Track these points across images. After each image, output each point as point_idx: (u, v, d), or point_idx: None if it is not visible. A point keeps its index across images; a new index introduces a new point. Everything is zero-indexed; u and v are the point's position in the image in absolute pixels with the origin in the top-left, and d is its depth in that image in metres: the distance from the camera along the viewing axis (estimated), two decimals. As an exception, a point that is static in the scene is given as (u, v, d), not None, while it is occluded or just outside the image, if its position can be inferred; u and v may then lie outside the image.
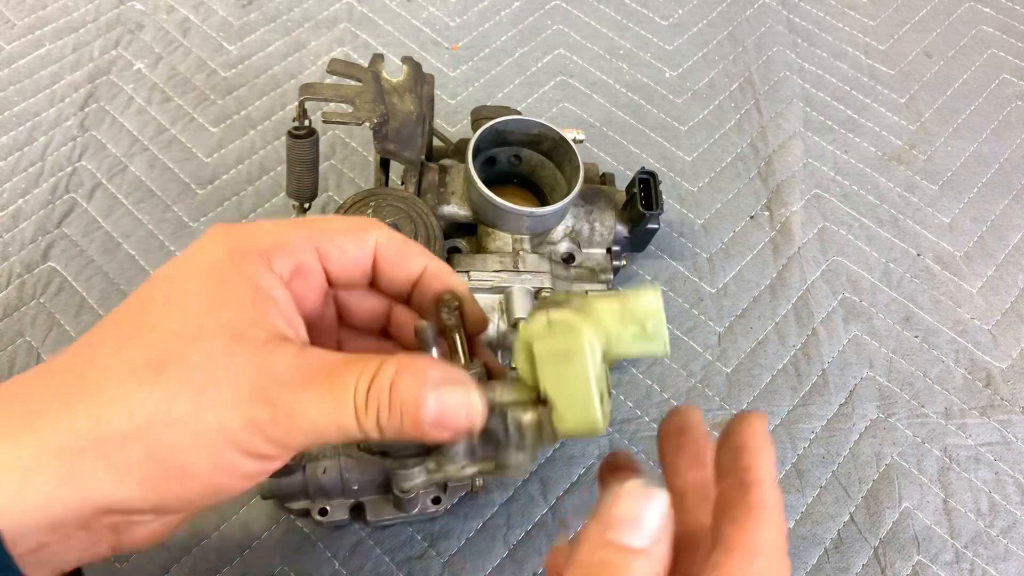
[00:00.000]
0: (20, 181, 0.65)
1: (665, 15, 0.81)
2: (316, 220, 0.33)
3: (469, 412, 0.29)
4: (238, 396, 0.27)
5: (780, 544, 0.27)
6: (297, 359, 0.28)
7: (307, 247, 0.32)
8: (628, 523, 0.26)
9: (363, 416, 0.28)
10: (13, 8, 0.75)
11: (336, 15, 0.78)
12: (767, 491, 0.28)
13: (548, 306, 0.31)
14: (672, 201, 0.68)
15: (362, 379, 0.28)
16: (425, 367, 0.29)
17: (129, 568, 0.49)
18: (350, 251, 0.33)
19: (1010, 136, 0.75)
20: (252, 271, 0.30)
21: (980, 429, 0.58)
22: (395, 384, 0.28)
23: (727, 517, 0.28)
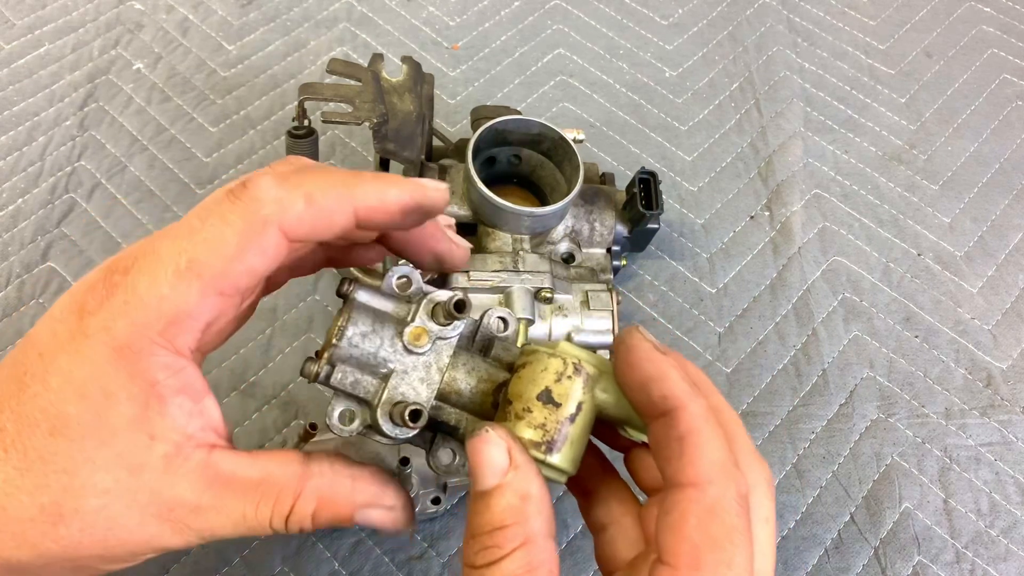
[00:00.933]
0: (19, 181, 0.65)
1: (665, 15, 0.81)
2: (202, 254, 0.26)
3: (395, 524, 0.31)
4: (146, 532, 0.27)
5: (725, 460, 0.27)
6: (201, 481, 0.27)
7: (206, 303, 0.27)
8: (477, 468, 0.28)
9: (280, 531, 0.29)
10: (12, 8, 0.75)
11: (336, 15, 0.78)
12: (693, 412, 0.27)
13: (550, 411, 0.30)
14: (672, 201, 0.68)
15: (278, 513, 0.28)
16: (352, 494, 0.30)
17: (129, 568, 0.49)
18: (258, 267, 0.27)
19: (1010, 136, 0.75)
20: (146, 368, 0.26)
21: (980, 429, 0.58)
22: (319, 510, 0.29)
23: (662, 455, 0.27)
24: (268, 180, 0.27)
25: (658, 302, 0.63)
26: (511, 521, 0.27)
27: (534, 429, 0.29)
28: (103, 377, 0.26)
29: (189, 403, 0.27)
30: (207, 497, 0.27)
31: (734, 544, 0.26)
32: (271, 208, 0.27)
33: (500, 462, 0.27)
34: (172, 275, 0.26)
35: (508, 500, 0.27)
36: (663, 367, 0.28)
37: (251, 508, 0.28)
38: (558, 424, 0.29)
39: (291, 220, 0.27)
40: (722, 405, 0.30)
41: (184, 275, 0.26)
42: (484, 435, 0.28)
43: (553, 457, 0.29)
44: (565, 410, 0.29)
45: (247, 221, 0.26)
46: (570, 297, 0.54)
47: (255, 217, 0.26)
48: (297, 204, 0.27)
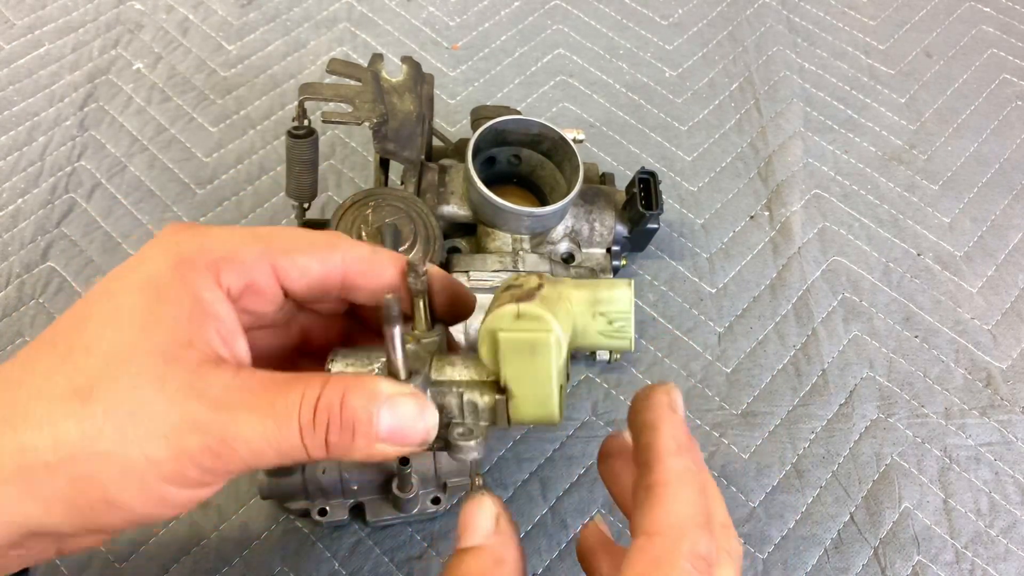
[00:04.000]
0: (19, 181, 0.65)
1: (665, 15, 0.81)
2: (278, 234, 0.31)
3: (425, 425, 0.29)
4: (167, 425, 0.26)
5: (690, 517, 0.27)
6: (232, 381, 0.27)
7: (261, 265, 0.30)
8: (464, 528, 0.29)
9: (309, 436, 0.27)
10: (13, 8, 0.75)
11: (336, 15, 0.78)
12: (669, 465, 0.28)
13: (518, 291, 0.30)
14: (672, 201, 0.68)
15: (307, 397, 0.27)
16: (377, 382, 0.29)
17: (129, 568, 0.49)
18: (312, 270, 0.31)
19: (1010, 136, 0.75)
20: (196, 283, 0.28)
21: (980, 429, 0.58)
22: (345, 400, 0.28)
23: (635, 503, 0.29)
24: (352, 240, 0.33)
25: (658, 302, 0.63)
26: None
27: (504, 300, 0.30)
28: (160, 277, 0.28)
29: (226, 332, 0.29)
30: (236, 392, 0.27)
31: None
32: (345, 243, 0.32)
33: (486, 526, 0.29)
34: (247, 234, 0.31)
35: (483, 563, 0.29)
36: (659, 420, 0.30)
37: (280, 399, 0.27)
38: (524, 291, 0.30)
39: (354, 255, 0.32)
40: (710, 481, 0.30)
41: (255, 236, 0.31)
42: (479, 499, 0.30)
43: (527, 304, 0.29)
44: (527, 286, 0.31)
45: (323, 239, 0.32)
46: (570, 297, 0.54)
47: (329, 241, 0.32)
48: (363, 249, 0.32)
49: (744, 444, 0.56)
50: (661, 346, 0.60)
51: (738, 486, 0.55)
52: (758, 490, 0.55)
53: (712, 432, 0.57)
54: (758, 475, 0.55)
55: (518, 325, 0.29)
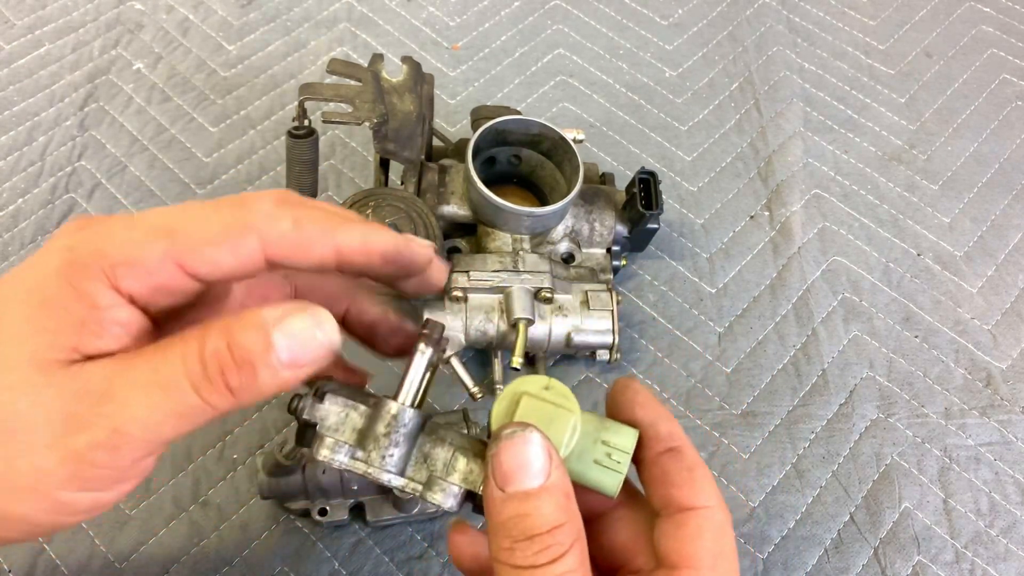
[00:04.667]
0: (20, 181, 0.65)
1: (665, 15, 0.81)
2: (185, 223, 0.27)
3: (325, 335, 0.27)
4: (50, 432, 0.25)
5: (719, 492, 0.31)
6: (114, 367, 0.26)
7: (165, 266, 0.26)
8: (518, 470, 0.28)
9: (206, 390, 0.25)
10: (13, 8, 0.75)
11: (336, 15, 0.78)
12: (692, 451, 0.32)
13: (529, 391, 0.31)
14: (672, 201, 0.68)
15: (189, 353, 0.25)
16: (257, 311, 0.26)
17: (129, 568, 0.49)
18: (224, 262, 0.27)
19: (1010, 136, 0.75)
20: (90, 288, 0.26)
21: (980, 429, 0.58)
22: (233, 340, 0.26)
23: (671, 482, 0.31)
24: (266, 198, 0.28)
25: (658, 302, 0.63)
26: (565, 519, 0.27)
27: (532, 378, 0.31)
28: (47, 287, 0.26)
29: (127, 338, 0.27)
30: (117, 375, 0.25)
31: (735, 556, 0.31)
32: (260, 219, 0.27)
33: (542, 462, 0.28)
34: (147, 228, 0.27)
35: (558, 499, 0.28)
36: (667, 411, 0.33)
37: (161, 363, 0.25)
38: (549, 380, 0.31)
39: (273, 236, 0.27)
40: None
41: (157, 232, 0.26)
42: (524, 435, 0.28)
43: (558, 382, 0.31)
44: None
45: (234, 219, 0.27)
46: (570, 297, 0.54)
47: (243, 220, 0.27)
48: (284, 223, 0.27)
49: (744, 444, 0.56)
50: (661, 346, 0.60)
51: (738, 486, 0.55)
52: (758, 490, 0.55)
53: (712, 432, 0.57)
54: (758, 475, 0.55)
55: (545, 394, 0.31)
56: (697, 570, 0.29)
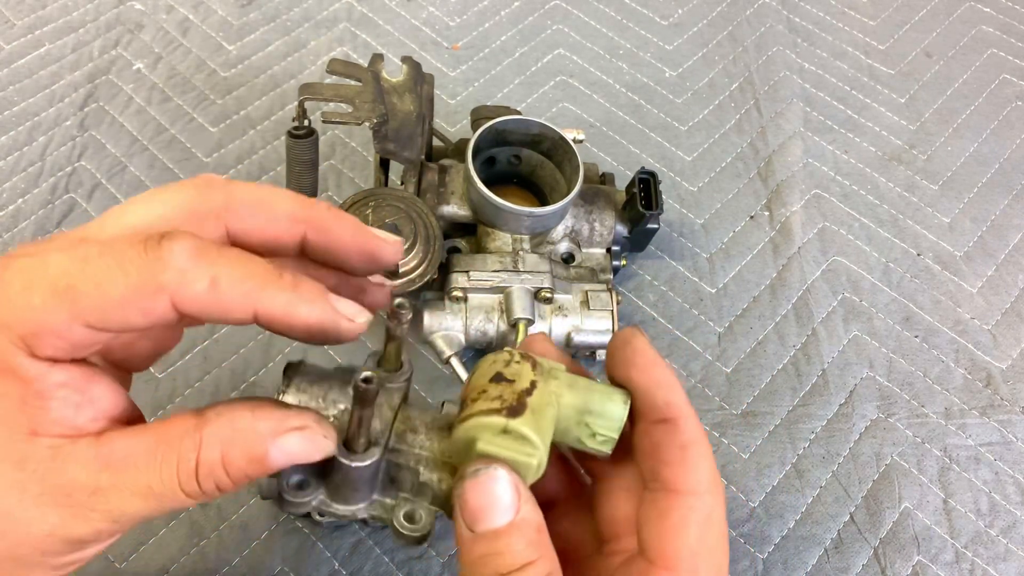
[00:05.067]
0: (20, 181, 0.65)
1: (665, 15, 0.81)
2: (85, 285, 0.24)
3: (319, 449, 0.27)
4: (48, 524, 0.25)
5: (716, 474, 0.28)
6: (96, 460, 0.25)
7: (73, 328, 0.25)
8: (486, 509, 0.27)
9: (197, 495, 0.26)
10: (13, 8, 0.75)
11: (336, 15, 0.78)
12: (694, 423, 0.28)
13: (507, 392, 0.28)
14: (672, 201, 0.68)
15: (183, 469, 0.25)
16: (255, 424, 0.26)
17: (129, 568, 0.49)
18: (134, 322, 0.25)
19: (1010, 136, 0.75)
20: (14, 365, 0.25)
21: (980, 429, 0.58)
22: (228, 458, 0.26)
23: (662, 459, 0.28)
24: (184, 247, 0.25)
25: (658, 302, 0.63)
26: (536, 556, 0.26)
27: (491, 401, 0.27)
28: None
29: (75, 395, 0.26)
30: (105, 476, 0.25)
31: (723, 551, 0.28)
32: (171, 277, 0.25)
33: (510, 499, 0.27)
34: (48, 291, 0.24)
35: (528, 536, 0.27)
36: (670, 375, 0.29)
37: (154, 475, 0.25)
38: (515, 395, 0.28)
39: (187, 296, 0.25)
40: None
41: (59, 296, 0.24)
42: (489, 473, 0.27)
43: (517, 422, 0.27)
44: (519, 385, 0.28)
45: (143, 279, 0.24)
46: (570, 297, 0.54)
47: (152, 279, 0.25)
48: (199, 284, 0.25)
49: (744, 444, 0.56)
50: (661, 346, 0.60)
51: (738, 486, 0.55)
52: (758, 490, 0.55)
53: (712, 432, 0.57)
54: (758, 475, 0.55)
55: (500, 443, 0.27)
56: (674, 571, 0.27)
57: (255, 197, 0.29)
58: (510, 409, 0.27)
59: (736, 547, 0.53)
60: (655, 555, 0.27)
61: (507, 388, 0.28)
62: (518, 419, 0.27)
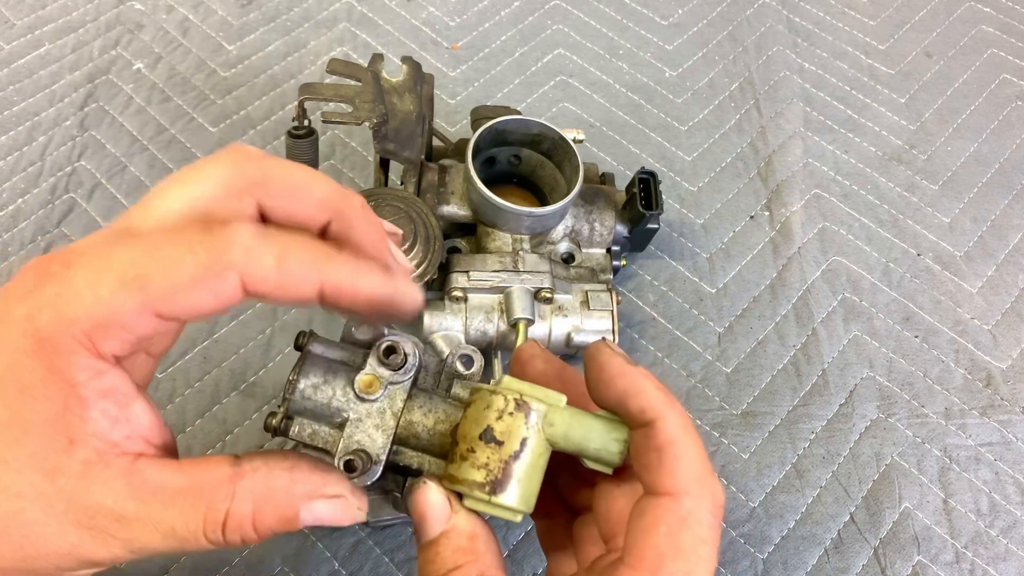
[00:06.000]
0: (19, 181, 0.65)
1: (665, 15, 0.81)
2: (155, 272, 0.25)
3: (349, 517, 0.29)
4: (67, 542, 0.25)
5: (702, 471, 0.27)
6: (126, 488, 0.25)
7: (143, 320, 0.25)
8: (421, 522, 0.29)
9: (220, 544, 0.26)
10: (13, 8, 0.75)
11: (336, 15, 0.78)
12: (670, 421, 0.28)
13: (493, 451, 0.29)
14: (672, 201, 0.68)
15: (211, 521, 0.26)
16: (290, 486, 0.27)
17: (129, 568, 0.49)
18: (204, 305, 0.25)
19: (1010, 136, 0.75)
20: (65, 366, 0.24)
21: (980, 429, 0.58)
22: (259, 517, 0.26)
23: (641, 463, 0.28)
24: (248, 228, 0.26)
25: (658, 302, 0.63)
26: (464, 561, 0.28)
27: (478, 469, 0.29)
28: (20, 369, 0.24)
29: (114, 408, 0.26)
30: (131, 506, 0.25)
31: (699, 556, 0.26)
32: (239, 256, 0.25)
33: (442, 509, 0.29)
34: (115, 281, 0.24)
35: (457, 542, 0.28)
36: (638, 380, 0.28)
37: (179, 519, 0.25)
38: (501, 463, 0.28)
39: (255, 273, 0.25)
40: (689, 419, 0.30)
41: (129, 286, 0.24)
42: (422, 487, 0.29)
43: (500, 497, 0.28)
44: (508, 448, 0.29)
45: (211, 259, 0.25)
46: (570, 297, 0.54)
47: (220, 258, 0.25)
48: (267, 260, 0.25)
49: (744, 444, 0.56)
50: (661, 346, 0.60)
51: (738, 486, 0.55)
52: (758, 490, 0.55)
53: (712, 432, 0.57)
54: (758, 475, 0.55)
55: (486, 506, 0.29)
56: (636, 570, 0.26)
57: (293, 179, 0.28)
58: (493, 484, 0.28)
59: (736, 547, 0.53)
60: (626, 553, 0.27)
61: (494, 454, 0.29)
62: (500, 495, 0.28)
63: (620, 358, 0.29)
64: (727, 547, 0.52)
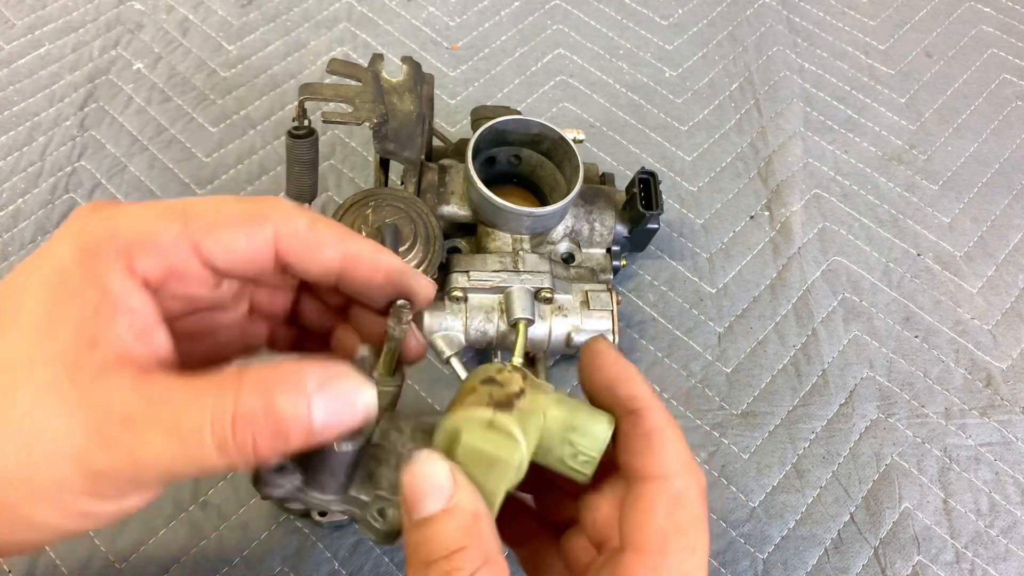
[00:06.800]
0: (19, 181, 0.65)
1: (665, 15, 0.81)
2: (201, 207, 0.28)
3: (364, 405, 0.26)
4: (73, 445, 0.24)
5: (687, 457, 0.29)
6: (135, 389, 0.25)
7: (180, 245, 0.27)
8: (420, 497, 0.27)
9: (230, 451, 0.24)
10: (13, 8, 0.75)
11: (336, 15, 0.78)
12: (657, 411, 0.29)
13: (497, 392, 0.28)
14: (672, 201, 0.68)
15: (220, 409, 0.24)
16: (300, 369, 0.25)
17: (129, 568, 0.49)
18: (239, 246, 0.28)
19: (1010, 136, 0.75)
20: (103, 273, 0.26)
21: (980, 429, 0.58)
22: (271, 403, 0.24)
23: (629, 450, 0.29)
24: (286, 200, 0.29)
25: (658, 302, 0.63)
26: (468, 542, 0.26)
27: (480, 396, 0.28)
28: (64, 272, 0.26)
29: (139, 326, 0.26)
30: (138, 406, 0.24)
31: (697, 531, 0.28)
32: (276, 213, 0.28)
33: (444, 484, 0.27)
34: (161, 210, 0.27)
35: (460, 521, 0.27)
36: (629, 369, 0.30)
37: (184, 413, 0.24)
38: (504, 395, 0.28)
39: (288, 230, 0.28)
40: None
41: (172, 214, 0.27)
42: (423, 457, 0.27)
43: (503, 416, 0.27)
44: (509, 388, 0.29)
45: (251, 208, 0.28)
46: (570, 297, 0.54)
47: (260, 210, 0.28)
48: (299, 221, 0.28)
49: (744, 444, 0.56)
50: (661, 346, 0.60)
51: (738, 486, 0.55)
52: (758, 490, 0.55)
53: (712, 432, 0.57)
54: (758, 475, 0.55)
55: (485, 436, 0.27)
56: (641, 553, 0.27)
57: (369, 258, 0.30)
58: (498, 404, 0.28)
59: (736, 547, 0.53)
60: (627, 540, 0.28)
61: (497, 388, 0.29)
62: (504, 414, 0.28)
63: (615, 350, 0.31)
64: (727, 547, 0.53)
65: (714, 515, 0.54)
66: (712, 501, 0.54)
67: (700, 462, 0.55)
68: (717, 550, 0.52)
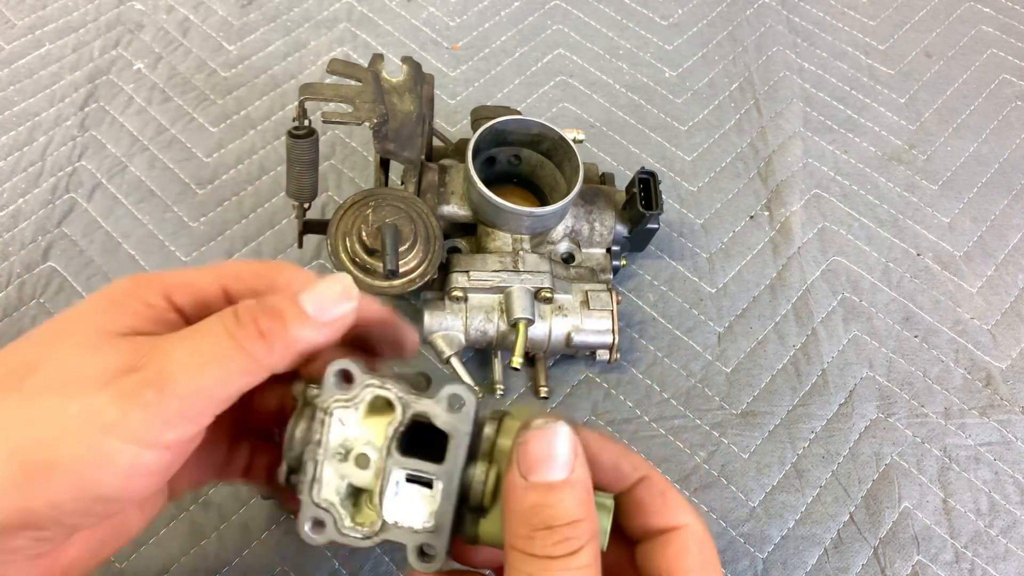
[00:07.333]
0: (20, 181, 0.65)
1: (665, 15, 0.81)
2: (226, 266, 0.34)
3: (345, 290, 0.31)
4: (103, 378, 0.27)
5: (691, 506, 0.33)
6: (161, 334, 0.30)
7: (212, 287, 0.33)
8: (544, 461, 0.28)
9: (240, 333, 0.29)
10: (13, 8, 0.75)
11: (336, 15, 0.78)
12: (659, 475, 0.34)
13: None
14: (672, 201, 0.68)
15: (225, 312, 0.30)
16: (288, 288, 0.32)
17: (129, 568, 0.49)
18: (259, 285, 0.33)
19: (1010, 136, 0.75)
20: (144, 293, 0.31)
21: (980, 429, 0.58)
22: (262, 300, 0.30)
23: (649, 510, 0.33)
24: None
25: (658, 302, 0.63)
26: (584, 515, 0.28)
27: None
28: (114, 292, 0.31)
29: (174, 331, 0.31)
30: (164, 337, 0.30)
31: (718, 565, 0.33)
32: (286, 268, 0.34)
33: (568, 455, 0.28)
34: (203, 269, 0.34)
35: (579, 494, 0.28)
36: (620, 445, 0.34)
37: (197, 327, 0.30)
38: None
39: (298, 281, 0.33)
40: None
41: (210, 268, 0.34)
42: (554, 427, 0.29)
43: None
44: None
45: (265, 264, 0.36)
46: (570, 297, 0.54)
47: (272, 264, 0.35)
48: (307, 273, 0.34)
49: (744, 444, 0.56)
50: (661, 346, 0.60)
51: (738, 486, 0.55)
52: (758, 490, 0.55)
53: (712, 432, 0.57)
54: (758, 475, 0.55)
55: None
56: None
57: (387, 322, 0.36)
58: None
59: (736, 547, 0.53)
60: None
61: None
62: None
63: (598, 433, 0.34)
64: (727, 547, 0.53)
65: (714, 515, 0.54)
66: (712, 501, 0.54)
67: (700, 462, 0.55)
68: (717, 550, 0.52)
